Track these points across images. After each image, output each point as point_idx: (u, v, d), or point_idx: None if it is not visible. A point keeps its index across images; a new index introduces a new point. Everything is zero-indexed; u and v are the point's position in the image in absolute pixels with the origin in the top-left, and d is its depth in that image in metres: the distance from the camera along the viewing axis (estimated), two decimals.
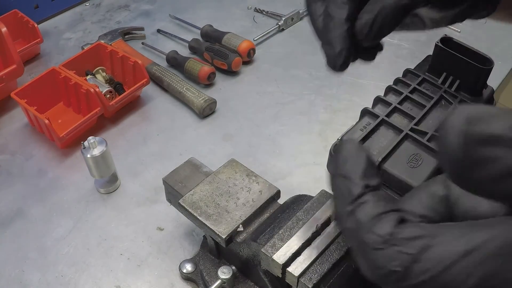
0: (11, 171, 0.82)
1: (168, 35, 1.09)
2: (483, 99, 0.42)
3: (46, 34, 1.08)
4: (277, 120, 0.90)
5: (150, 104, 0.93)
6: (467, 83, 0.41)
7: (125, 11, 1.17)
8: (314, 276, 0.45)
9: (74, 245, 0.71)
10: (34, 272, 0.68)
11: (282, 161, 0.81)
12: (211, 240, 0.61)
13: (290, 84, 0.97)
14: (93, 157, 0.71)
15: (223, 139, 0.86)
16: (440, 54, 0.41)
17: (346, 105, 0.92)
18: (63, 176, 0.81)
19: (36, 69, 1.00)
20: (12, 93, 0.83)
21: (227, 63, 0.96)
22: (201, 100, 0.89)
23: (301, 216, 0.50)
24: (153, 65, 0.96)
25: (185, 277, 0.66)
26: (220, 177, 0.60)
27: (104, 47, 0.94)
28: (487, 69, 0.39)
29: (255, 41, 1.04)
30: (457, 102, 0.41)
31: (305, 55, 1.03)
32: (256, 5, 1.16)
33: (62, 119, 0.89)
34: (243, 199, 0.58)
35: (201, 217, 0.56)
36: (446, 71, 0.42)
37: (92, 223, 0.74)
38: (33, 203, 0.77)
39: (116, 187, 0.78)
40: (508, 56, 1.01)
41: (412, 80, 0.43)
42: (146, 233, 0.72)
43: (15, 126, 0.90)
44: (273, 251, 0.47)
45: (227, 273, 0.59)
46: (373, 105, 0.54)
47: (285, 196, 0.60)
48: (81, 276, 0.67)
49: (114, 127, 0.89)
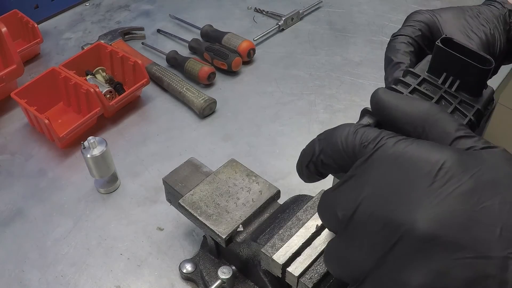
0: (11, 171, 0.82)
1: (168, 35, 1.09)
2: (483, 99, 0.42)
3: (46, 34, 1.08)
4: (277, 120, 0.90)
5: (150, 104, 0.93)
6: (467, 83, 0.41)
7: (125, 11, 1.17)
8: (314, 276, 0.45)
9: (74, 245, 0.71)
10: (34, 272, 0.68)
11: (282, 161, 0.81)
12: (211, 240, 0.61)
13: (290, 84, 0.97)
14: (93, 157, 0.71)
15: (223, 139, 0.86)
16: (440, 54, 0.41)
17: (346, 105, 0.92)
18: (63, 176, 0.81)
19: (36, 69, 1.00)
20: (12, 93, 0.83)
21: (227, 63, 0.96)
22: (201, 100, 0.89)
23: (301, 216, 0.50)
24: (153, 65, 0.96)
25: (185, 277, 0.66)
26: (220, 177, 0.60)
27: (104, 47, 0.94)
28: (487, 69, 0.39)
29: (255, 41, 1.04)
30: (457, 102, 0.41)
31: (305, 55, 1.03)
32: (256, 5, 1.16)
33: (62, 119, 0.89)
34: (243, 199, 0.58)
35: (201, 217, 0.56)
36: (446, 71, 0.42)
37: (92, 223, 0.74)
38: (33, 203, 0.77)
39: (116, 187, 0.78)
40: None
41: (412, 80, 0.43)
42: (146, 233, 0.72)
43: (15, 126, 0.90)
44: (273, 251, 0.47)
45: (227, 273, 0.59)
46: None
47: (285, 196, 0.60)
48: (81, 276, 0.67)
49: (114, 127, 0.89)
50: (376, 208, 0.28)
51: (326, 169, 0.34)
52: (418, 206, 0.26)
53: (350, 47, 1.05)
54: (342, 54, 1.03)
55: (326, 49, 1.05)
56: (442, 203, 0.26)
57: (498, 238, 0.25)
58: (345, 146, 0.31)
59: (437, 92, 0.41)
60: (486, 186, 0.26)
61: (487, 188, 0.26)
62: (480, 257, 0.25)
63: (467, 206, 0.26)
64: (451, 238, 0.25)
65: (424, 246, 0.26)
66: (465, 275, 0.25)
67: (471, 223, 0.25)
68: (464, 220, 0.25)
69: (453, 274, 0.25)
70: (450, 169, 0.27)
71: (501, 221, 0.25)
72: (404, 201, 0.27)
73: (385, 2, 1.18)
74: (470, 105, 0.41)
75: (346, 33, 1.09)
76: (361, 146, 0.30)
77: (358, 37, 1.07)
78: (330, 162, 0.32)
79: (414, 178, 0.27)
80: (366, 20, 1.12)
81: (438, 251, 0.25)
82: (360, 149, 0.30)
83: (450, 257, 0.25)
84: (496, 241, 0.25)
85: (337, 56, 1.03)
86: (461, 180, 0.27)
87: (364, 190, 0.29)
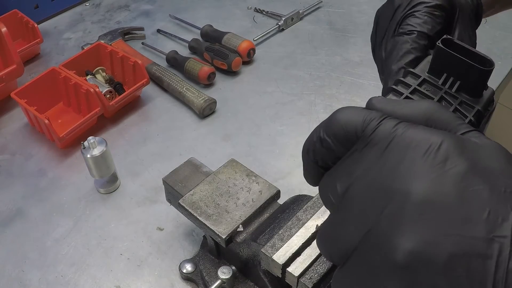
0: (11, 171, 0.82)
1: (168, 35, 1.09)
2: (483, 100, 0.42)
3: (46, 34, 1.08)
4: (277, 120, 0.90)
5: (150, 104, 0.93)
6: (467, 84, 0.41)
7: (125, 11, 1.17)
8: (314, 276, 0.46)
9: (74, 245, 0.71)
10: (34, 272, 0.68)
11: (282, 161, 0.81)
12: (211, 240, 0.61)
13: (290, 84, 0.97)
14: (93, 157, 0.71)
15: (223, 139, 0.86)
16: (440, 55, 0.41)
17: (346, 105, 0.91)
18: (63, 176, 0.81)
19: (36, 69, 1.00)
20: (12, 93, 0.83)
21: (227, 63, 0.96)
22: (201, 100, 0.89)
23: (301, 216, 0.50)
24: (153, 65, 0.96)
25: (185, 277, 0.66)
26: (220, 177, 0.60)
27: (104, 47, 0.94)
28: (487, 70, 0.39)
29: (255, 41, 1.04)
30: (457, 103, 0.41)
31: (305, 55, 1.03)
32: (256, 5, 1.16)
33: (62, 119, 0.89)
34: (243, 199, 0.58)
35: (201, 217, 0.56)
36: (446, 72, 0.42)
37: (92, 223, 0.74)
38: (33, 203, 0.77)
39: (116, 187, 0.78)
40: (508, 56, 1.01)
41: (413, 81, 0.43)
42: (146, 233, 0.72)
43: (15, 126, 0.90)
44: (273, 251, 0.47)
45: (227, 273, 0.59)
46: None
47: (285, 196, 0.60)
48: (81, 276, 0.67)
49: (114, 127, 0.89)
50: (371, 180, 0.29)
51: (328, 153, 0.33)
52: (413, 178, 0.27)
53: (350, 47, 1.05)
54: (342, 54, 1.03)
55: (326, 49, 1.05)
56: (437, 179, 0.27)
57: (485, 220, 0.25)
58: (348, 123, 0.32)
59: (438, 92, 0.41)
60: (479, 172, 0.27)
61: (480, 174, 0.27)
62: (467, 235, 0.25)
63: (460, 186, 0.27)
64: (442, 211, 0.26)
65: (415, 212, 0.26)
66: (450, 249, 0.25)
67: (462, 202, 0.26)
68: (456, 197, 0.26)
69: (440, 247, 0.25)
70: (447, 150, 0.28)
71: (489, 205, 0.26)
72: (400, 174, 0.28)
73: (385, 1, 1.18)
74: (470, 106, 0.41)
75: (346, 33, 1.09)
76: (364, 124, 0.31)
77: (358, 37, 1.07)
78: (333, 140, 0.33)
79: (412, 155, 0.28)
80: (366, 20, 1.12)
81: (429, 220, 0.26)
82: (363, 126, 0.31)
83: (440, 229, 0.26)
84: (483, 223, 0.25)
85: (337, 56, 1.03)
86: (456, 161, 0.27)
87: (362, 165, 0.30)
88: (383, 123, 0.30)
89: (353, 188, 0.30)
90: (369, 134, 0.30)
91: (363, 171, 0.29)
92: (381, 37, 0.54)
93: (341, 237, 0.30)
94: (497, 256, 0.25)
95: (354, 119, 0.32)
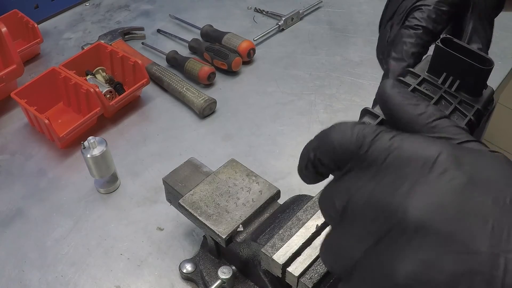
0: (11, 171, 0.82)
1: (168, 35, 1.09)
2: (483, 99, 0.42)
3: (46, 34, 1.08)
4: (277, 120, 0.90)
5: (150, 104, 0.93)
6: (467, 83, 0.41)
7: (125, 11, 1.17)
8: (314, 276, 0.45)
9: (74, 245, 0.71)
10: (34, 272, 0.68)
11: (282, 161, 0.81)
12: (211, 240, 0.61)
13: (290, 84, 0.97)
14: (93, 157, 0.71)
15: (223, 139, 0.86)
16: (440, 54, 0.41)
17: (346, 105, 0.92)
18: (63, 176, 0.81)
19: (36, 69, 1.00)
20: (12, 93, 0.83)
21: (227, 63, 0.96)
22: (201, 100, 0.89)
23: (301, 216, 0.50)
24: (153, 65, 0.96)
25: (185, 277, 0.66)
26: (220, 177, 0.60)
27: (104, 47, 0.94)
28: (487, 69, 0.39)
29: (255, 41, 1.04)
30: (457, 102, 0.41)
31: (305, 55, 1.03)
32: (256, 5, 1.16)
33: (62, 119, 0.89)
34: (243, 199, 0.58)
35: (201, 217, 0.56)
36: (446, 71, 0.42)
37: (92, 223, 0.74)
38: (33, 203, 0.77)
39: (116, 187, 0.78)
40: (508, 56, 1.01)
41: (412, 80, 0.43)
42: (146, 233, 0.72)
43: (15, 126, 0.90)
44: (273, 251, 0.47)
45: (227, 273, 0.59)
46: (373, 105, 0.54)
47: (285, 196, 0.60)
48: (81, 276, 0.67)
49: (114, 127, 0.89)
50: (369, 197, 0.28)
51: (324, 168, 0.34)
52: (411, 195, 0.26)
53: (350, 47, 1.05)
54: (342, 54, 1.03)
55: (326, 49, 1.05)
56: (435, 194, 0.26)
57: (489, 234, 0.24)
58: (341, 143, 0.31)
59: (437, 92, 0.41)
60: (480, 183, 0.26)
61: (481, 185, 0.26)
62: (469, 251, 0.24)
63: (460, 199, 0.26)
64: (442, 229, 0.25)
65: (415, 235, 0.25)
66: (453, 268, 0.24)
67: (463, 216, 0.25)
68: (456, 213, 0.25)
69: (441, 266, 0.24)
70: (445, 163, 0.27)
71: (493, 217, 0.25)
72: (397, 191, 0.27)
73: (385, 2, 1.18)
74: (470, 105, 0.41)
75: (346, 33, 1.09)
76: (358, 142, 0.30)
77: (358, 37, 1.07)
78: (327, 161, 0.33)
79: (409, 170, 0.27)
80: (366, 20, 1.12)
81: (428, 241, 0.25)
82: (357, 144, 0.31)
83: (439, 248, 0.25)
84: (487, 237, 0.24)
85: (337, 56, 1.03)
86: (454, 174, 0.26)
87: (359, 182, 0.29)
88: (378, 139, 0.30)
89: (351, 205, 0.29)
90: (364, 152, 0.30)
91: (360, 189, 0.29)
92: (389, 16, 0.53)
93: (342, 252, 0.29)
94: (503, 272, 0.23)
95: (347, 138, 0.31)
